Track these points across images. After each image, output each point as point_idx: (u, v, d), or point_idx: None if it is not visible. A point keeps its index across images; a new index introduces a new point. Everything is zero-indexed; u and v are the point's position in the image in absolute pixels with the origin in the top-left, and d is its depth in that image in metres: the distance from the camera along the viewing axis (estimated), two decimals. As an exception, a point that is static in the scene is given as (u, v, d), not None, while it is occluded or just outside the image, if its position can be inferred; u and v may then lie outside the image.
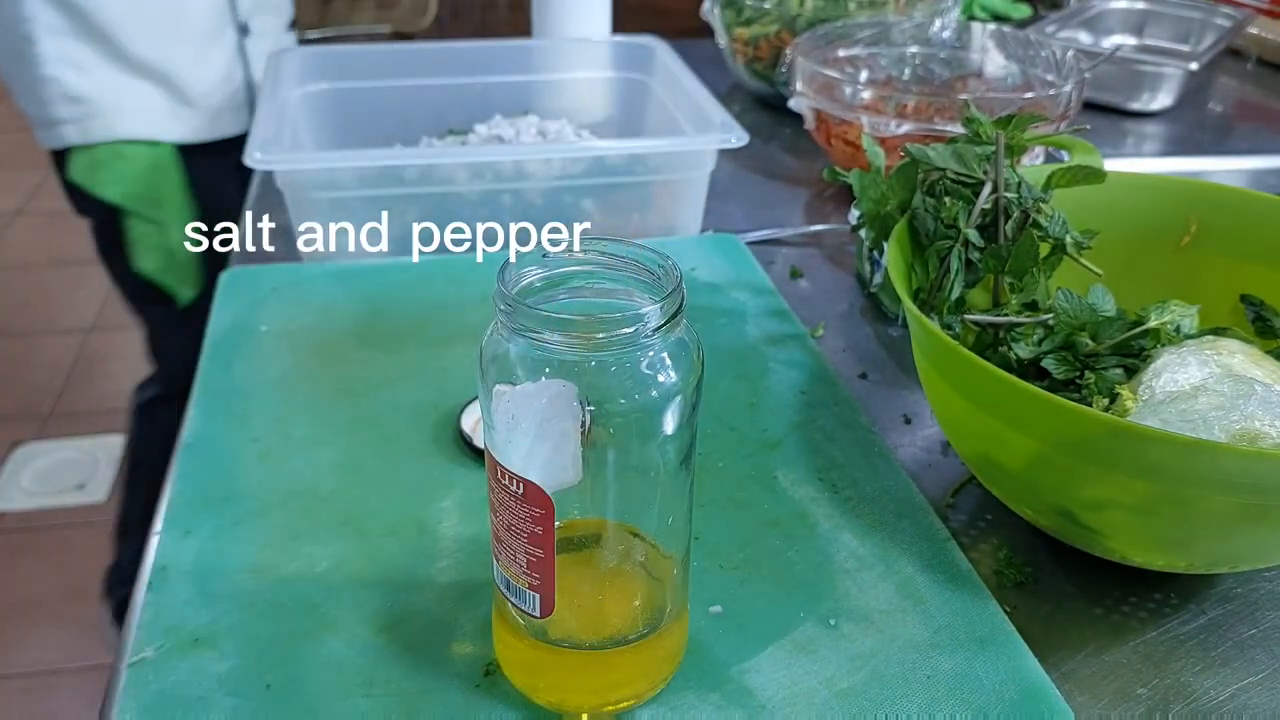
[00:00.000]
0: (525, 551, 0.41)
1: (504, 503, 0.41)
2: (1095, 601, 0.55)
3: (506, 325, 0.38)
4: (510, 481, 0.40)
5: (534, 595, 0.42)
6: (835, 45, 1.09)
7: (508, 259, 0.40)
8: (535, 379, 0.38)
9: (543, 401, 0.38)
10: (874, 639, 0.49)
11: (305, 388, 0.67)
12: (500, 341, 0.39)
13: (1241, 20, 1.34)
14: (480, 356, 0.40)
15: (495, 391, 0.39)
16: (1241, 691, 0.50)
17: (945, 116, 0.94)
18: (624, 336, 0.37)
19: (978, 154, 0.62)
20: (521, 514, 0.40)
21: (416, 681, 0.47)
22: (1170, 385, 0.53)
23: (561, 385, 0.37)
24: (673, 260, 0.40)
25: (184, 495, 0.57)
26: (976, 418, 0.52)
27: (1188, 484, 0.45)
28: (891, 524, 0.57)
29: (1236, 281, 0.63)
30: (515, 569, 0.42)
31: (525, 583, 0.42)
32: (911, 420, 0.69)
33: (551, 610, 0.42)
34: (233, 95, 1.27)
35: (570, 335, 0.37)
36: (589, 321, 0.37)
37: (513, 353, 0.38)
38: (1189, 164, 1.12)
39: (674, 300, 0.38)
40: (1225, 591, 0.56)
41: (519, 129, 0.98)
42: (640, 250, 0.40)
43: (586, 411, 0.38)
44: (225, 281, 0.78)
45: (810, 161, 1.10)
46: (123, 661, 0.47)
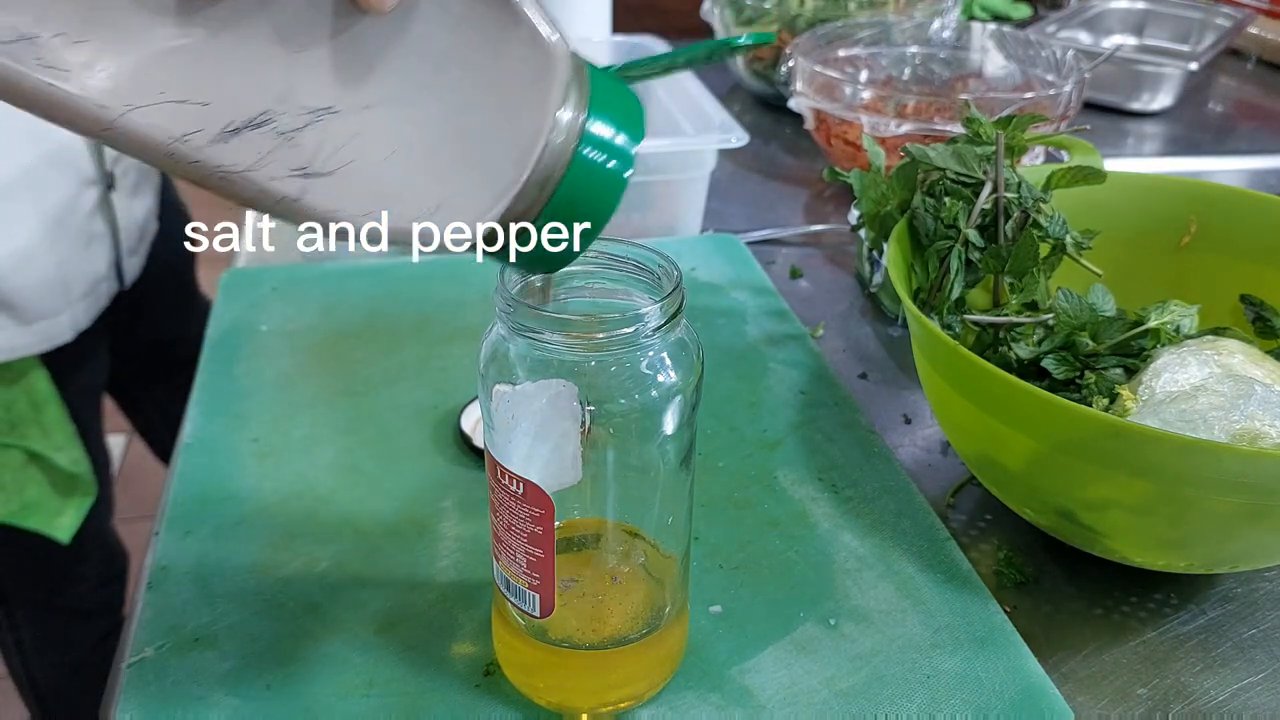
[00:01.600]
0: (525, 551, 0.41)
1: (504, 503, 0.41)
2: (1095, 601, 0.55)
3: (506, 325, 0.38)
4: (510, 481, 0.40)
5: (534, 595, 0.42)
6: (835, 45, 1.09)
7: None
8: (535, 379, 0.38)
9: (543, 401, 0.38)
10: (874, 639, 0.49)
11: (305, 387, 0.67)
12: (500, 341, 0.39)
13: (1242, 20, 1.34)
14: (480, 356, 0.40)
15: (495, 391, 0.39)
16: (1241, 691, 0.50)
17: (945, 116, 0.94)
18: (624, 336, 0.37)
19: (978, 154, 0.62)
20: (521, 514, 0.40)
21: (416, 681, 0.47)
22: (1170, 385, 0.53)
23: (561, 385, 0.37)
24: (672, 260, 0.40)
25: (184, 495, 0.57)
26: (976, 418, 0.52)
27: (1188, 484, 0.45)
28: (891, 524, 0.57)
29: (1236, 281, 0.63)
30: (515, 569, 0.42)
31: (525, 583, 0.42)
32: (911, 420, 0.69)
33: (551, 610, 0.42)
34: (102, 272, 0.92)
35: (570, 335, 0.37)
36: (589, 321, 0.37)
37: (513, 353, 0.38)
38: (1189, 164, 1.12)
39: (674, 300, 0.38)
40: (1225, 592, 0.56)
41: (519, 129, 0.98)
42: (640, 250, 0.40)
43: (586, 411, 0.38)
44: (225, 281, 0.78)
45: (810, 161, 1.10)
46: (123, 661, 0.47)
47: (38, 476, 0.93)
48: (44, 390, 0.90)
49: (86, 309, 0.91)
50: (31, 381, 0.89)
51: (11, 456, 0.90)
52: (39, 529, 0.94)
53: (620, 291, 0.41)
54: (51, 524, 0.94)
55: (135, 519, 1.82)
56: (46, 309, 0.86)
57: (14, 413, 0.89)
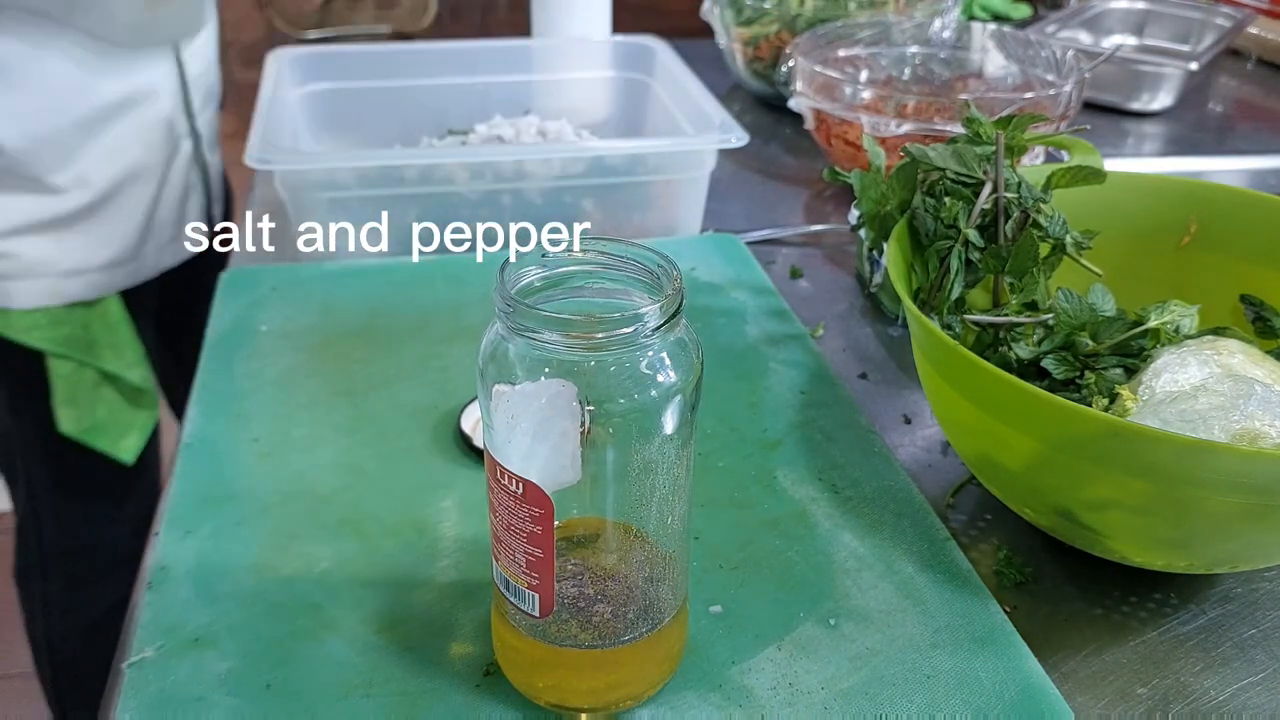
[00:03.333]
0: (524, 551, 0.41)
1: (503, 503, 0.41)
2: (1095, 601, 0.55)
3: (506, 325, 0.38)
4: (510, 481, 0.40)
5: (533, 595, 0.42)
6: (835, 45, 1.09)
7: (507, 259, 0.40)
8: (535, 379, 0.38)
9: (542, 401, 0.38)
10: (874, 639, 0.49)
11: (305, 387, 0.67)
12: (500, 341, 0.39)
13: (1241, 20, 1.34)
14: (480, 356, 0.40)
15: (495, 391, 0.39)
16: (1242, 691, 0.50)
17: (945, 116, 0.94)
18: (623, 336, 0.37)
19: (978, 154, 0.62)
20: (521, 514, 0.40)
21: (416, 681, 0.47)
22: (1170, 385, 0.53)
23: (561, 385, 0.37)
24: (672, 260, 0.40)
25: (184, 495, 0.57)
26: (976, 418, 0.52)
27: (1188, 484, 0.45)
28: (891, 524, 0.57)
29: (1236, 281, 0.63)
30: (514, 569, 0.42)
31: (524, 582, 0.42)
32: (911, 420, 0.69)
33: (551, 610, 0.42)
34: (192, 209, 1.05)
35: (570, 335, 0.37)
36: (588, 321, 0.37)
37: (512, 352, 0.38)
38: (1189, 164, 1.12)
39: (673, 300, 0.38)
40: (1225, 591, 0.56)
41: (519, 129, 0.98)
42: (640, 250, 0.40)
43: (586, 411, 0.38)
44: (225, 281, 0.78)
45: (810, 161, 1.10)
46: (123, 661, 0.47)
47: (109, 396, 1.01)
48: (117, 312, 0.99)
49: (173, 253, 1.03)
50: (107, 304, 0.98)
51: (86, 375, 0.98)
52: (106, 449, 1.02)
53: (620, 291, 0.41)
54: (117, 445, 1.03)
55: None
56: (144, 253, 0.99)
57: (91, 332, 0.97)
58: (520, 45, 1.07)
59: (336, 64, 1.01)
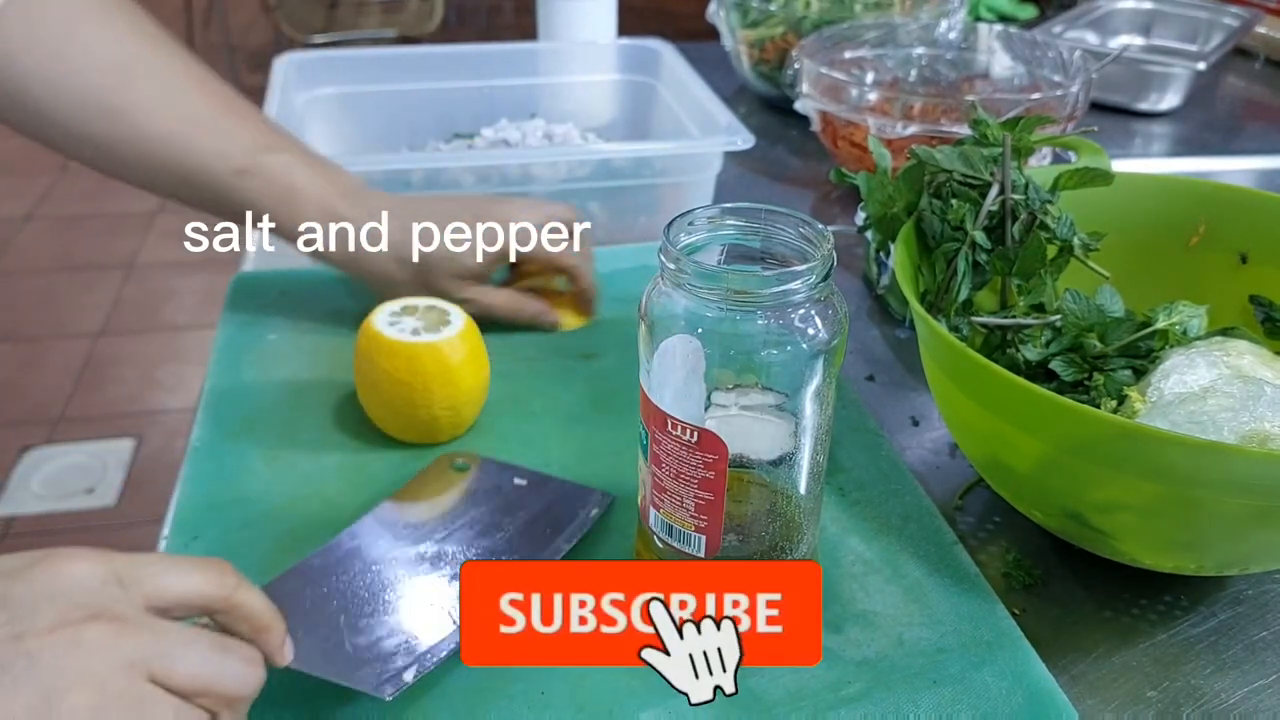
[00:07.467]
0: (695, 497, 0.45)
1: (672, 453, 0.44)
2: (1104, 604, 0.54)
3: (670, 280, 0.41)
4: (683, 431, 0.43)
5: (700, 537, 0.46)
6: (841, 47, 1.09)
7: (674, 218, 0.43)
8: (694, 331, 0.42)
9: (693, 350, 0.41)
10: (880, 643, 0.49)
11: (312, 391, 0.67)
12: (663, 296, 0.42)
13: (1249, 20, 1.34)
14: (641, 311, 0.44)
15: (661, 346, 0.42)
16: (1253, 694, 0.50)
17: (952, 118, 0.94)
18: (778, 294, 0.41)
19: (984, 155, 0.61)
20: (693, 461, 0.44)
21: (422, 682, 0.47)
22: (1179, 387, 0.53)
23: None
24: (824, 226, 0.43)
25: (191, 499, 0.57)
26: (984, 420, 0.52)
27: (1197, 486, 0.45)
28: (898, 527, 0.57)
29: (1245, 282, 0.63)
30: (682, 514, 0.45)
31: (692, 525, 0.46)
32: (919, 422, 0.69)
33: (717, 550, 0.46)
34: None
35: (729, 291, 0.41)
36: (746, 278, 0.40)
37: (676, 307, 0.42)
38: (1197, 164, 1.11)
39: (825, 263, 0.42)
40: (1236, 594, 0.55)
41: (525, 132, 0.98)
42: (791, 216, 0.44)
43: (734, 361, 0.41)
44: (233, 286, 0.78)
45: (816, 163, 1.10)
46: (130, 666, 0.47)
47: None
48: None
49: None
50: None
51: None
52: None
53: (773, 253, 0.44)
54: None
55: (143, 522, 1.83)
56: None
57: None
58: (526, 49, 1.07)
59: (343, 68, 1.01)
